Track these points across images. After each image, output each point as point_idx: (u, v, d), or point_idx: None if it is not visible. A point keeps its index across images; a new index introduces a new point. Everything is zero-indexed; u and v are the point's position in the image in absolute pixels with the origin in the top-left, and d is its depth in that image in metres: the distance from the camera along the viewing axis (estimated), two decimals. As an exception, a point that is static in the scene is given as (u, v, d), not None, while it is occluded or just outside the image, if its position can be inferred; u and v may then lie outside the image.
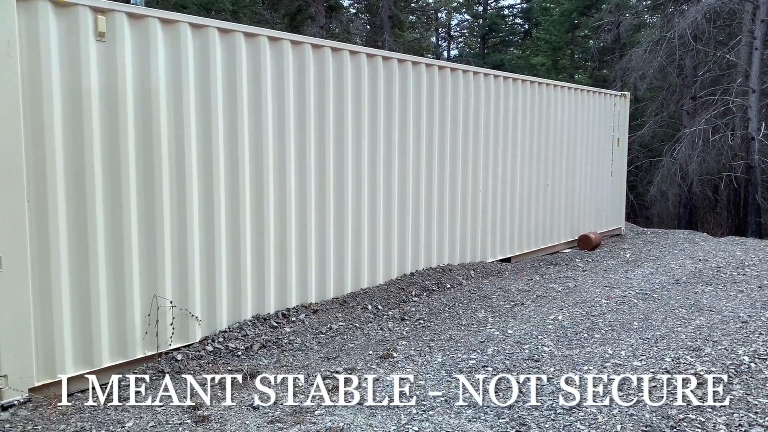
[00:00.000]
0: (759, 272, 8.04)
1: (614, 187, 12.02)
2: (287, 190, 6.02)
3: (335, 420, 3.91)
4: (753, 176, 16.96)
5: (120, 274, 4.80)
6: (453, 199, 8.12)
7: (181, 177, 5.16)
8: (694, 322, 5.81)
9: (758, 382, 4.36)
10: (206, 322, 5.41)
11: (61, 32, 4.42)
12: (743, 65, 17.64)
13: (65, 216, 4.48)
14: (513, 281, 7.85)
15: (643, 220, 20.89)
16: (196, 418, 4.01)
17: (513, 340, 5.45)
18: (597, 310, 6.40)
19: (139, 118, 4.88)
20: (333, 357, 5.25)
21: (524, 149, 9.34)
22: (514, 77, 9.18)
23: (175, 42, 5.09)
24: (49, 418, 4.06)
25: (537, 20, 29.88)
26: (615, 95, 11.90)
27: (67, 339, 4.52)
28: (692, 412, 3.91)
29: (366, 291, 6.88)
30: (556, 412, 3.97)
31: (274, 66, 5.87)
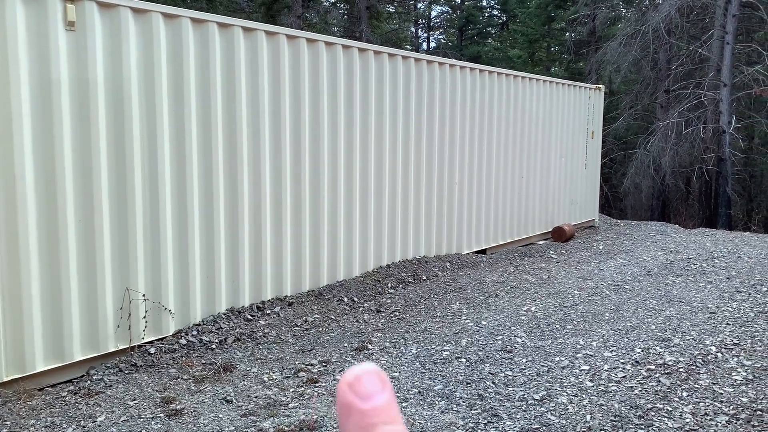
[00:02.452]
0: (728, 264, 8.21)
1: (588, 180, 12.15)
2: (262, 183, 5.99)
3: (309, 413, 3.92)
4: (724, 169, 17.27)
5: (91, 267, 4.74)
6: (429, 192, 8.15)
7: (154, 169, 5.10)
8: (664, 313, 5.92)
9: (724, 372, 4.46)
10: (180, 316, 5.37)
11: (29, 21, 4.33)
12: (715, 59, 17.90)
13: (35, 208, 4.41)
14: (488, 273, 7.92)
15: (617, 211, 21.16)
16: (168, 412, 3.99)
17: (487, 332, 5.51)
18: (570, 301, 6.49)
19: (110, 109, 4.81)
20: (308, 350, 5.26)
21: (500, 142, 9.39)
22: (490, 70, 9.21)
23: (147, 32, 5.02)
24: (18, 414, 4.01)
25: (514, 12, 29.98)
26: (590, 88, 12.01)
27: (37, 333, 4.46)
28: (660, 402, 4.00)
29: (342, 283, 6.89)
30: (528, 403, 4.03)
31: (248, 57, 5.82)
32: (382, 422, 0.41)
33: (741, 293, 6.58)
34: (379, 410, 0.41)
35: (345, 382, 0.43)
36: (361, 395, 0.42)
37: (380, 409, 0.41)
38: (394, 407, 0.42)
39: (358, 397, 0.42)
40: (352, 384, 0.42)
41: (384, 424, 0.41)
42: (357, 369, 0.43)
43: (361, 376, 0.42)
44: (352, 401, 0.42)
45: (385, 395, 0.42)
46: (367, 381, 0.42)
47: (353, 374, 0.43)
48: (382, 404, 0.42)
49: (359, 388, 0.42)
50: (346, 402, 0.42)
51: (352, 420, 0.41)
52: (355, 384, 0.42)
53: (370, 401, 0.41)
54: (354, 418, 0.41)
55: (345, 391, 0.42)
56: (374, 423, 0.41)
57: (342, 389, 0.42)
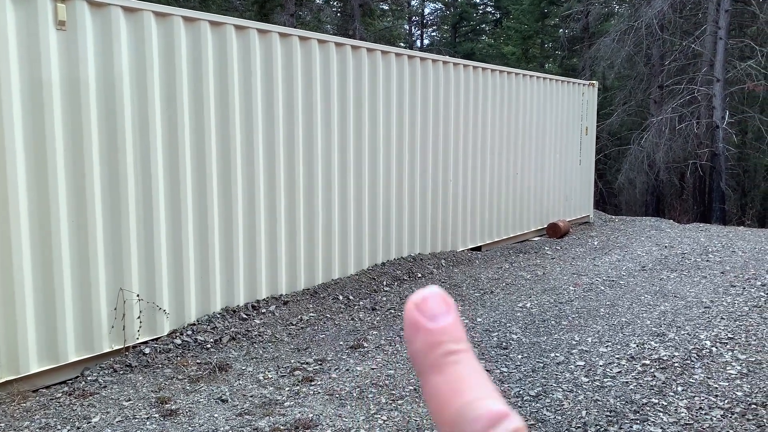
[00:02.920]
0: (722, 258, 8.23)
1: (583, 176, 12.17)
2: (255, 181, 5.98)
3: (304, 411, 3.92)
4: (717, 164, 17.31)
5: (85, 267, 4.72)
6: (424, 189, 8.14)
7: (147, 169, 5.08)
8: (658, 308, 5.93)
9: (719, 366, 4.47)
10: (174, 315, 5.36)
11: (20, 21, 4.30)
12: (708, 54, 17.94)
13: (27, 209, 4.38)
14: (483, 270, 7.92)
15: (612, 207, 21.20)
16: (164, 412, 3.98)
17: (482, 328, 5.51)
18: (565, 297, 6.49)
19: (102, 109, 4.78)
20: (303, 348, 5.25)
21: (494, 138, 9.39)
22: (484, 67, 9.21)
23: (139, 31, 5.00)
24: (12, 415, 3.99)
25: (507, 9, 29.98)
26: (583, 84, 12.02)
27: (31, 334, 4.43)
28: (655, 396, 4.01)
29: (337, 281, 6.88)
30: (523, 399, 4.03)
31: (241, 55, 5.80)
32: (448, 340, 0.42)
33: (735, 288, 6.60)
34: (445, 329, 0.43)
35: (412, 302, 0.44)
36: (428, 315, 0.43)
37: (446, 328, 0.43)
38: (459, 328, 0.44)
39: (425, 317, 0.43)
40: (418, 304, 0.44)
41: (450, 342, 0.42)
42: (423, 291, 0.44)
43: (427, 297, 0.44)
44: (418, 320, 0.43)
45: (451, 316, 0.44)
46: (433, 302, 0.44)
47: (420, 295, 0.44)
48: (448, 324, 0.43)
49: (425, 308, 0.43)
50: (413, 321, 0.43)
51: (419, 338, 0.43)
52: (421, 304, 0.43)
53: (436, 321, 0.43)
54: (421, 336, 0.43)
55: (412, 310, 0.44)
56: (440, 341, 0.42)
57: (409, 309, 0.44)
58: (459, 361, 0.42)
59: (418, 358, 0.43)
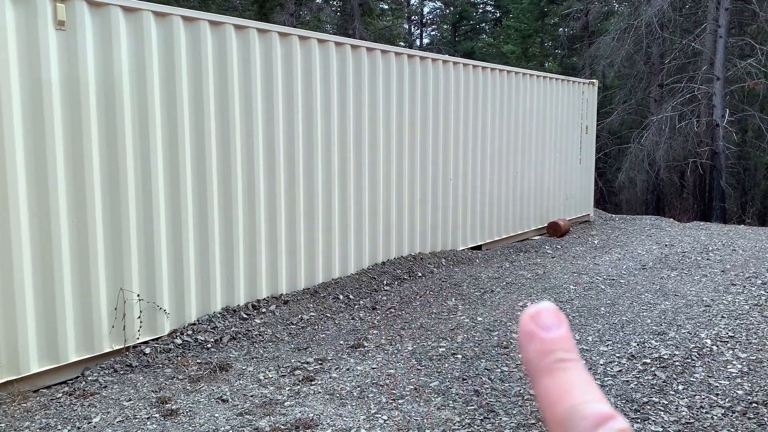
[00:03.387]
0: (722, 257, 8.23)
1: (583, 174, 12.16)
2: (255, 180, 5.97)
3: (305, 411, 3.92)
4: (718, 162, 17.30)
5: (85, 267, 4.72)
6: (424, 188, 8.14)
7: (147, 168, 5.08)
8: (659, 307, 5.93)
9: (720, 365, 4.47)
10: (175, 315, 5.35)
11: (19, 21, 4.30)
12: (708, 53, 17.93)
13: (27, 209, 4.38)
14: (483, 269, 7.92)
15: (612, 206, 21.19)
16: (164, 412, 3.98)
17: (482, 328, 5.50)
18: (565, 296, 6.49)
19: (102, 109, 4.78)
20: (303, 348, 5.25)
21: (494, 137, 9.39)
22: (484, 66, 9.20)
23: (138, 31, 4.99)
24: (13, 416, 3.99)
25: (507, 8, 29.96)
26: (583, 83, 12.01)
27: (31, 334, 4.43)
28: (656, 395, 4.00)
29: (337, 281, 6.88)
30: (524, 398, 4.03)
31: (241, 55, 5.79)
32: (560, 349, 0.46)
33: (736, 286, 6.59)
34: (557, 340, 0.46)
35: (527, 315, 0.48)
36: (542, 326, 0.47)
37: (559, 339, 0.46)
38: (570, 340, 0.47)
39: (539, 327, 0.47)
40: (533, 316, 0.47)
41: (561, 351, 0.46)
42: (538, 305, 0.48)
43: (541, 310, 0.48)
44: (534, 330, 0.47)
45: (563, 329, 0.47)
46: (547, 315, 0.47)
47: (535, 309, 0.48)
48: (560, 335, 0.47)
49: (540, 320, 0.47)
50: (529, 330, 0.47)
51: (533, 347, 0.46)
52: (536, 316, 0.47)
53: (549, 331, 0.47)
54: (535, 345, 0.46)
55: (527, 321, 0.47)
56: (553, 350, 0.46)
57: (524, 320, 0.48)
58: (569, 368, 0.45)
59: (531, 363, 0.46)
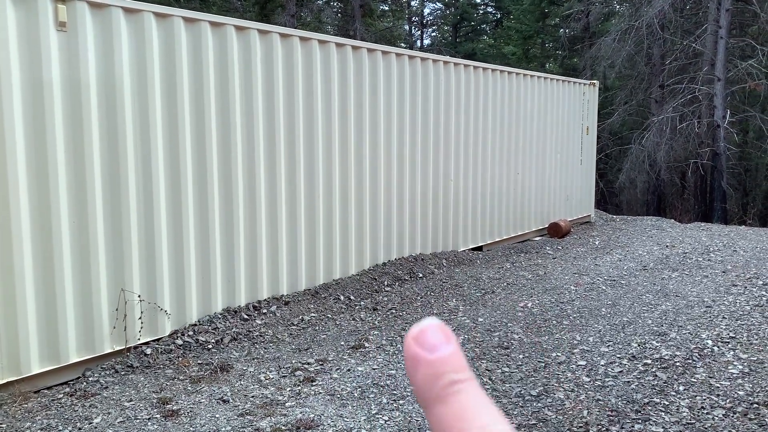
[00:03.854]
0: (723, 257, 8.22)
1: (584, 175, 12.16)
2: (256, 182, 5.98)
3: (306, 412, 3.92)
4: (719, 163, 17.30)
5: (86, 268, 4.72)
6: (425, 189, 8.14)
7: (147, 169, 5.08)
8: (660, 308, 5.93)
9: (720, 365, 4.47)
10: (176, 316, 5.36)
11: (20, 22, 4.31)
12: (709, 54, 17.92)
13: (28, 210, 4.39)
14: (484, 269, 7.92)
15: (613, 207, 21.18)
16: (165, 413, 3.98)
17: (483, 328, 5.50)
18: (566, 297, 6.49)
19: (103, 109, 4.78)
20: (304, 348, 5.25)
21: (495, 138, 9.39)
22: (484, 66, 9.20)
23: (140, 32, 5.00)
24: (14, 416, 4.00)
25: (508, 9, 29.97)
26: (584, 84, 12.01)
27: (32, 335, 4.44)
28: (657, 396, 4.00)
29: (338, 281, 6.88)
30: (525, 399, 4.03)
31: (242, 56, 5.80)
32: (449, 370, 0.42)
33: (737, 287, 6.59)
34: (445, 359, 0.43)
35: (410, 337, 0.44)
36: (427, 347, 0.43)
37: (447, 359, 0.43)
38: (460, 357, 0.44)
39: (424, 349, 0.43)
40: (416, 337, 0.43)
41: (451, 372, 0.42)
42: (421, 323, 0.45)
43: (425, 329, 0.44)
44: (418, 353, 0.43)
45: (451, 346, 0.43)
46: (431, 333, 0.44)
47: (417, 328, 0.44)
48: (448, 354, 0.43)
49: (424, 341, 0.43)
50: (413, 354, 0.43)
51: (421, 371, 0.43)
52: (419, 337, 0.43)
53: (436, 352, 0.43)
54: (422, 369, 0.43)
55: (410, 344, 0.43)
56: (442, 372, 0.42)
57: (408, 343, 0.44)
58: (462, 390, 0.42)
59: (421, 392, 0.43)
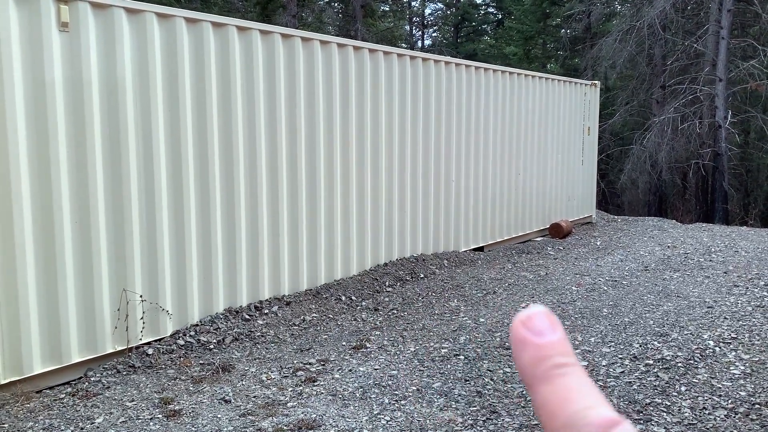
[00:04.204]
0: (725, 258, 8.22)
1: (585, 176, 12.16)
2: (258, 182, 5.98)
3: (308, 412, 3.92)
4: (720, 164, 17.29)
5: (88, 268, 4.73)
6: (426, 189, 8.14)
7: (150, 169, 5.09)
8: (661, 308, 5.92)
9: (722, 366, 4.46)
10: (177, 316, 5.36)
11: (23, 22, 4.32)
12: (710, 54, 17.92)
13: (30, 210, 4.39)
14: (485, 270, 7.92)
15: (614, 207, 21.18)
16: (167, 413, 3.99)
17: (485, 329, 5.50)
18: (567, 297, 6.49)
19: (105, 110, 4.79)
20: (306, 349, 5.25)
21: (496, 138, 9.39)
22: (486, 67, 9.21)
23: (141, 32, 5.01)
24: (16, 416, 4.00)
25: (509, 10, 29.97)
26: (585, 84, 12.01)
27: (34, 335, 4.44)
28: (659, 396, 4.00)
29: (340, 282, 6.88)
30: (527, 399, 4.03)
31: (243, 56, 5.80)
32: (557, 354, 0.43)
33: (738, 287, 6.58)
34: (553, 344, 0.44)
35: (518, 321, 0.45)
36: (534, 331, 0.44)
37: (555, 343, 0.44)
38: (566, 343, 0.45)
39: (532, 333, 0.44)
40: (525, 322, 0.45)
41: (558, 355, 0.43)
42: (529, 310, 0.46)
43: (533, 315, 0.45)
44: (526, 336, 0.44)
45: (557, 333, 0.44)
46: (539, 320, 0.45)
47: (526, 314, 0.45)
48: (556, 339, 0.44)
49: (532, 326, 0.44)
50: (521, 337, 0.44)
51: (527, 354, 0.44)
52: (527, 322, 0.45)
53: (543, 337, 0.44)
54: (529, 352, 0.44)
55: (519, 327, 0.45)
56: (549, 355, 0.43)
57: (516, 327, 0.45)
58: (567, 373, 0.43)
59: (527, 371, 0.44)
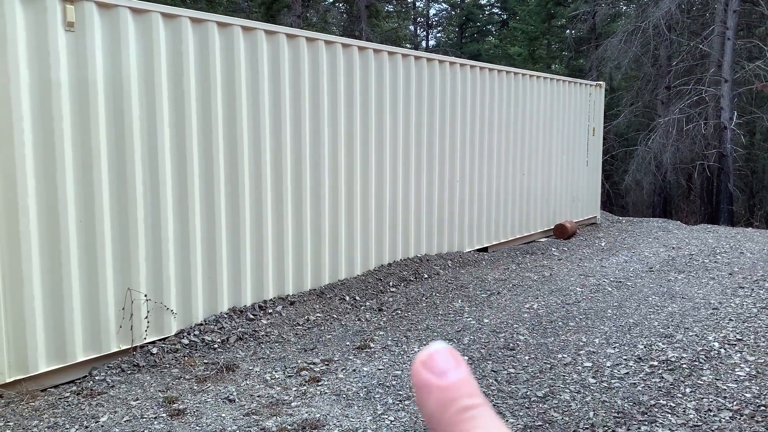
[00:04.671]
0: (730, 259, 8.19)
1: (590, 177, 12.13)
2: (262, 182, 5.99)
3: (312, 412, 3.92)
4: (725, 165, 17.24)
5: (93, 267, 4.74)
6: (430, 190, 8.14)
7: (154, 168, 5.10)
8: (666, 310, 5.91)
9: (727, 367, 4.45)
10: (182, 316, 5.37)
11: (29, 22, 4.33)
12: (716, 55, 17.87)
13: (35, 209, 4.40)
14: (490, 270, 7.91)
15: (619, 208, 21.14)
16: (171, 412, 3.99)
17: (489, 329, 5.50)
18: (572, 298, 6.48)
19: (110, 109, 4.80)
20: (310, 348, 5.25)
21: (501, 139, 9.38)
22: (490, 67, 9.20)
23: (147, 32, 5.02)
24: (21, 414, 4.01)
25: (514, 10, 29.95)
26: (590, 85, 11.99)
27: (39, 334, 4.45)
28: (663, 398, 3.99)
29: (344, 282, 6.88)
30: (531, 400, 4.02)
31: (248, 56, 5.81)
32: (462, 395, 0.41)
33: (744, 289, 6.56)
34: (456, 384, 0.41)
35: (419, 362, 0.42)
36: (437, 372, 0.42)
37: (458, 384, 0.41)
38: (471, 381, 0.42)
39: (434, 375, 0.42)
40: (425, 362, 0.42)
41: (464, 397, 0.41)
42: (429, 348, 0.43)
43: (433, 353, 0.42)
44: (428, 379, 0.42)
45: (461, 370, 0.42)
46: (441, 358, 0.42)
47: (426, 353, 0.43)
48: (460, 379, 0.41)
49: (433, 366, 0.42)
50: (423, 381, 0.42)
51: (432, 398, 0.41)
52: (428, 362, 0.42)
53: (447, 377, 0.41)
54: (434, 395, 0.41)
55: (420, 370, 0.42)
56: (455, 397, 0.41)
57: (416, 369, 0.42)
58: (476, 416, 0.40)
59: (434, 419, 0.41)
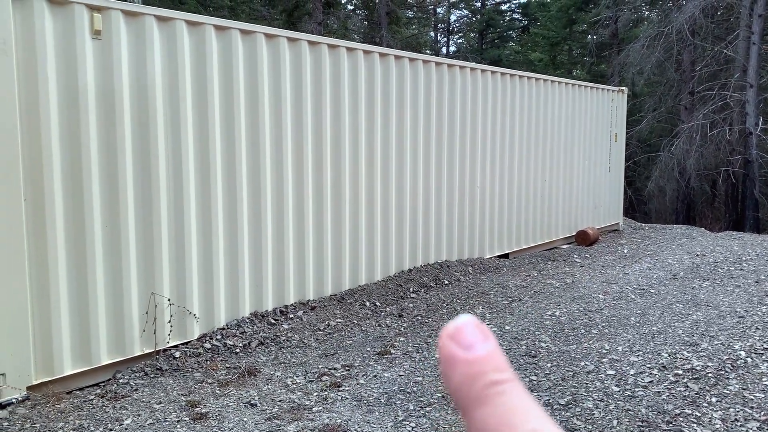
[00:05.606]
0: (756, 267, 8.06)
1: (612, 183, 12.03)
2: (284, 188, 6.03)
3: (333, 417, 3.92)
4: (751, 171, 16.97)
5: (117, 271, 4.80)
6: (451, 196, 8.12)
7: (178, 174, 5.16)
8: (690, 318, 5.83)
9: (754, 377, 4.37)
10: (204, 320, 5.42)
11: (57, 30, 4.42)
12: (741, 60, 17.63)
13: (62, 214, 4.48)
14: (511, 277, 7.86)
15: (641, 215, 20.89)
16: (194, 416, 4.02)
17: (510, 336, 5.46)
18: (594, 305, 6.41)
19: (135, 116, 4.88)
20: (331, 354, 5.26)
21: (522, 145, 9.34)
22: (511, 73, 9.17)
23: (172, 39, 5.09)
24: (47, 416, 4.07)
25: (535, 16, 29.85)
26: (612, 91, 11.90)
27: (65, 337, 4.53)
28: (688, 407, 3.93)
29: (364, 288, 6.89)
30: (553, 408, 3.99)
31: (271, 63, 5.86)
32: (490, 370, 0.39)
33: (770, 297, 6.45)
34: (484, 358, 0.40)
35: (445, 335, 0.41)
36: (464, 345, 0.40)
37: (486, 357, 0.40)
38: (500, 355, 0.40)
39: (461, 348, 0.40)
40: (453, 335, 0.41)
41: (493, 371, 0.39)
42: (455, 321, 0.41)
43: (461, 326, 0.41)
44: (454, 352, 0.40)
45: (489, 344, 0.40)
46: (468, 331, 0.41)
47: (453, 326, 0.41)
48: (487, 353, 0.40)
49: (460, 339, 0.40)
50: (449, 354, 0.40)
51: (458, 372, 0.39)
52: (455, 335, 0.40)
53: (474, 350, 0.40)
54: (459, 368, 0.39)
55: (446, 343, 0.40)
56: (482, 371, 0.39)
57: (443, 342, 0.41)
58: (505, 391, 0.38)
59: (459, 393, 0.39)
